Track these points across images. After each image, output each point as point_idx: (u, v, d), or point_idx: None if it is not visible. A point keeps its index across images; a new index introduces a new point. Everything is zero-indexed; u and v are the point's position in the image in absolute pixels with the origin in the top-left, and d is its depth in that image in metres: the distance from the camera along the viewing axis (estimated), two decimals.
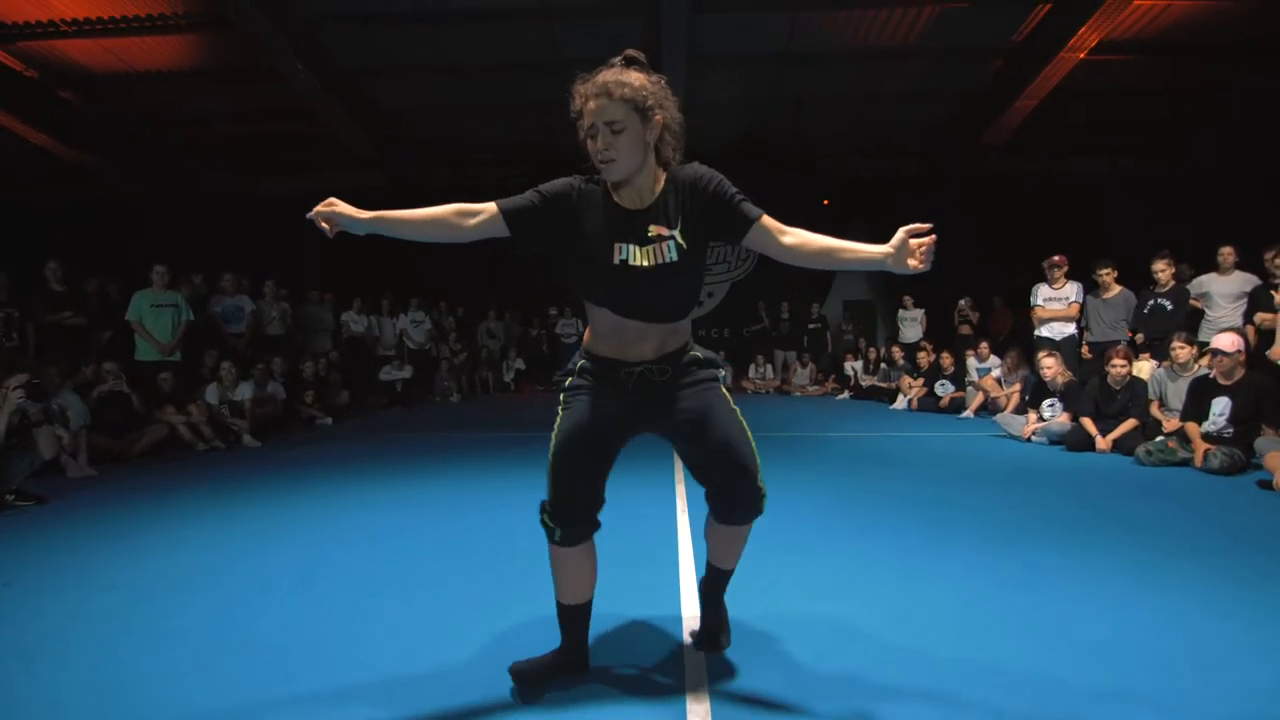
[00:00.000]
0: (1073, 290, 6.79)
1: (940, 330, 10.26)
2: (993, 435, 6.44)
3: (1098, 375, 5.79)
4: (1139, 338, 6.43)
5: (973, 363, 8.46)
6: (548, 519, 1.77)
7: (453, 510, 3.79)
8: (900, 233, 1.63)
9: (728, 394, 1.83)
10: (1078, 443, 5.51)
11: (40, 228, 11.65)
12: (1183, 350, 5.37)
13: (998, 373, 7.95)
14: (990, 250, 11.25)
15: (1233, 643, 2.02)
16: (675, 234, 1.71)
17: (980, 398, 7.91)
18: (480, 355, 11.88)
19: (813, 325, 12.03)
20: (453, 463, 5.31)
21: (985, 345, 8.52)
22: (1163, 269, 6.26)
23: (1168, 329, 5.83)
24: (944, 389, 8.60)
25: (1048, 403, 6.14)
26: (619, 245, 1.70)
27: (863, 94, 10.85)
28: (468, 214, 1.73)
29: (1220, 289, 6.18)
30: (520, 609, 2.30)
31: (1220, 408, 4.75)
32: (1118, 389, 5.54)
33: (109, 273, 8.10)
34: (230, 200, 12.95)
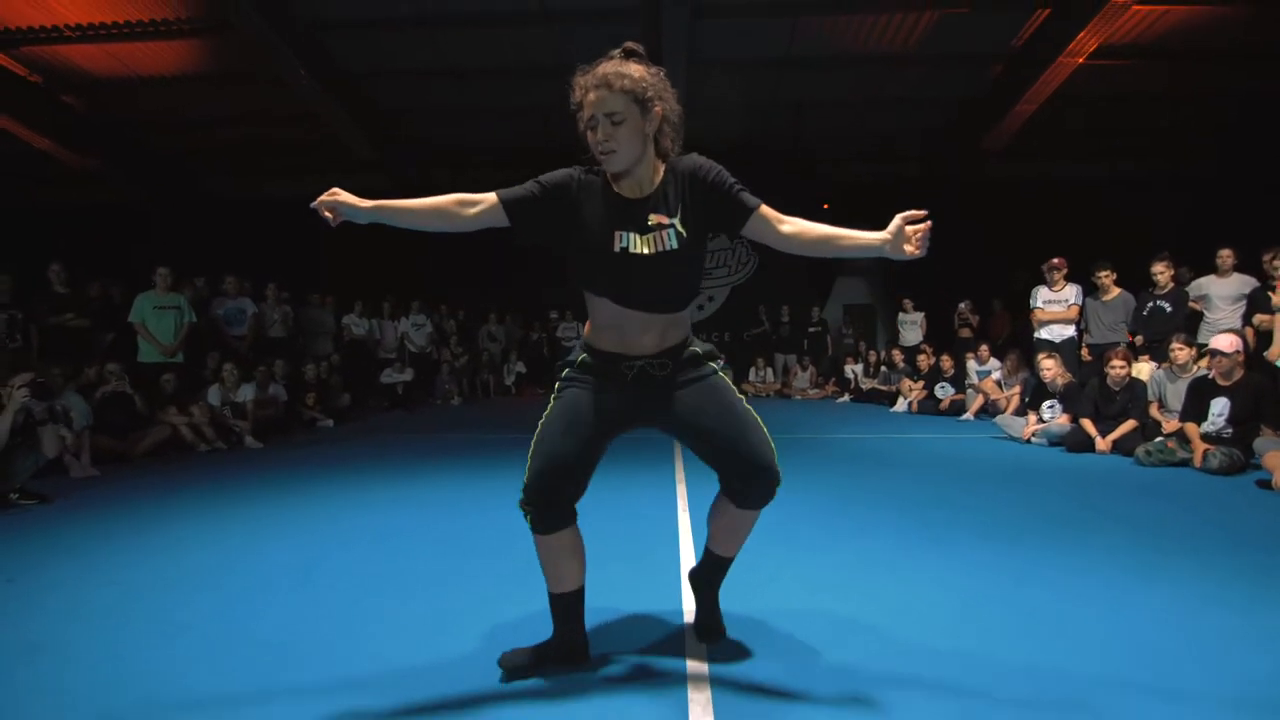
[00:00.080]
0: (1072, 293, 6.82)
1: (940, 333, 10.29)
2: (993, 437, 6.45)
3: (1097, 377, 5.81)
4: (1138, 340, 6.46)
5: (973, 365, 8.48)
6: (524, 505, 1.76)
7: (453, 510, 3.80)
8: (897, 219, 1.65)
9: (730, 383, 1.85)
10: (1077, 444, 5.53)
11: (44, 231, 11.68)
12: (1182, 351, 5.39)
13: (998, 375, 7.96)
14: (990, 254, 11.29)
15: (1231, 635, 2.03)
16: (675, 222, 1.72)
17: (980, 400, 7.93)
18: (481, 358, 11.91)
19: (813, 329, 12.06)
20: (453, 464, 5.32)
21: (985, 348, 8.54)
22: (1162, 271, 6.28)
23: (1167, 331, 5.85)
24: (944, 391, 8.61)
25: (1047, 404, 6.15)
26: (619, 234, 1.71)
27: (863, 99, 10.88)
28: (468, 204, 1.76)
29: (1219, 291, 6.20)
30: (520, 604, 2.31)
31: (1219, 408, 4.76)
32: (1117, 390, 5.56)
33: (112, 275, 8.13)
34: (232, 204, 13.00)
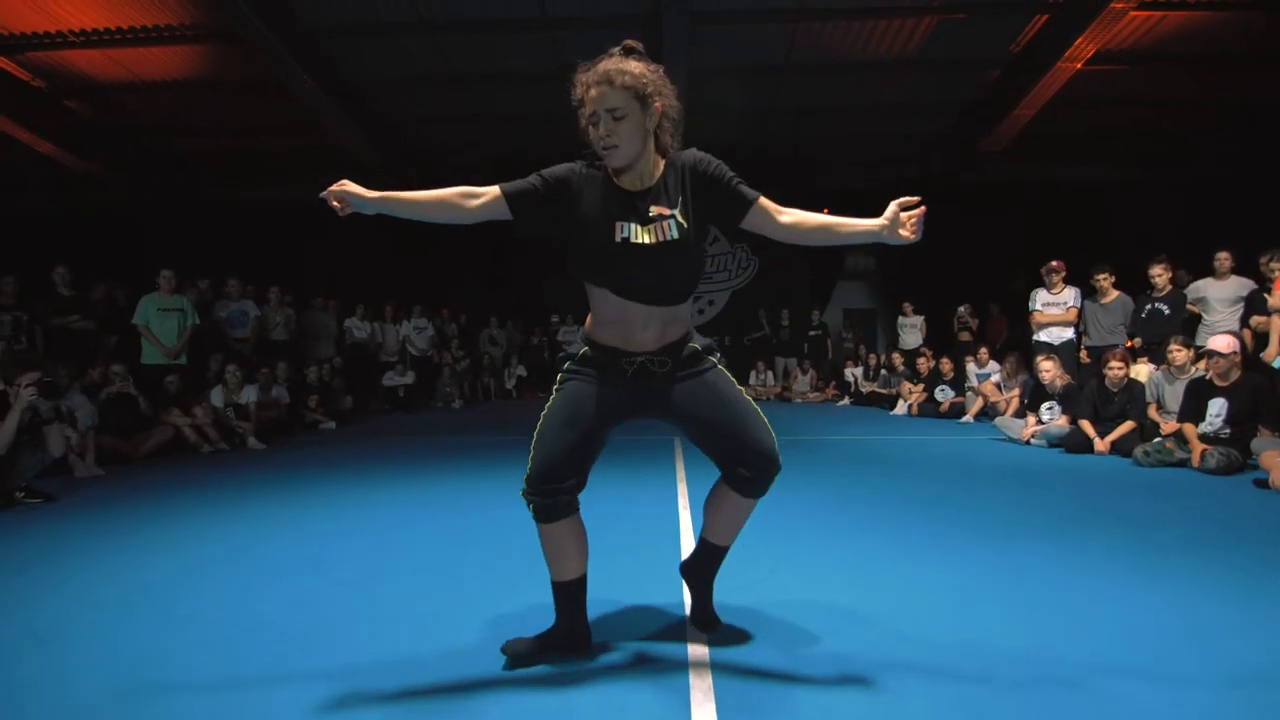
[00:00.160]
0: (1071, 295, 6.86)
1: (940, 337, 10.33)
2: (992, 439, 6.48)
3: (1095, 378, 5.84)
4: (1136, 342, 6.49)
5: (972, 368, 8.51)
6: (526, 494, 1.79)
7: (454, 508, 3.82)
8: (892, 206, 1.70)
9: (728, 374, 1.88)
10: (1076, 445, 5.56)
11: (49, 234, 11.74)
12: (1180, 353, 5.42)
13: (997, 378, 8.00)
14: (990, 257, 11.35)
15: (1227, 626, 2.05)
16: (675, 213, 1.76)
17: (980, 402, 7.96)
18: (482, 362, 11.95)
19: (813, 332, 12.10)
20: (454, 465, 5.35)
21: (985, 351, 8.57)
22: (1160, 273, 6.32)
23: (1165, 333, 5.87)
24: (944, 394, 8.64)
25: (1046, 405, 6.18)
26: (620, 224, 1.75)
27: (862, 105, 10.94)
28: (471, 195, 1.80)
29: (1217, 294, 6.23)
30: (522, 597, 2.34)
31: (1217, 409, 4.79)
32: (1115, 391, 5.59)
33: (116, 278, 8.18)
34: (235, 208, 13.04)
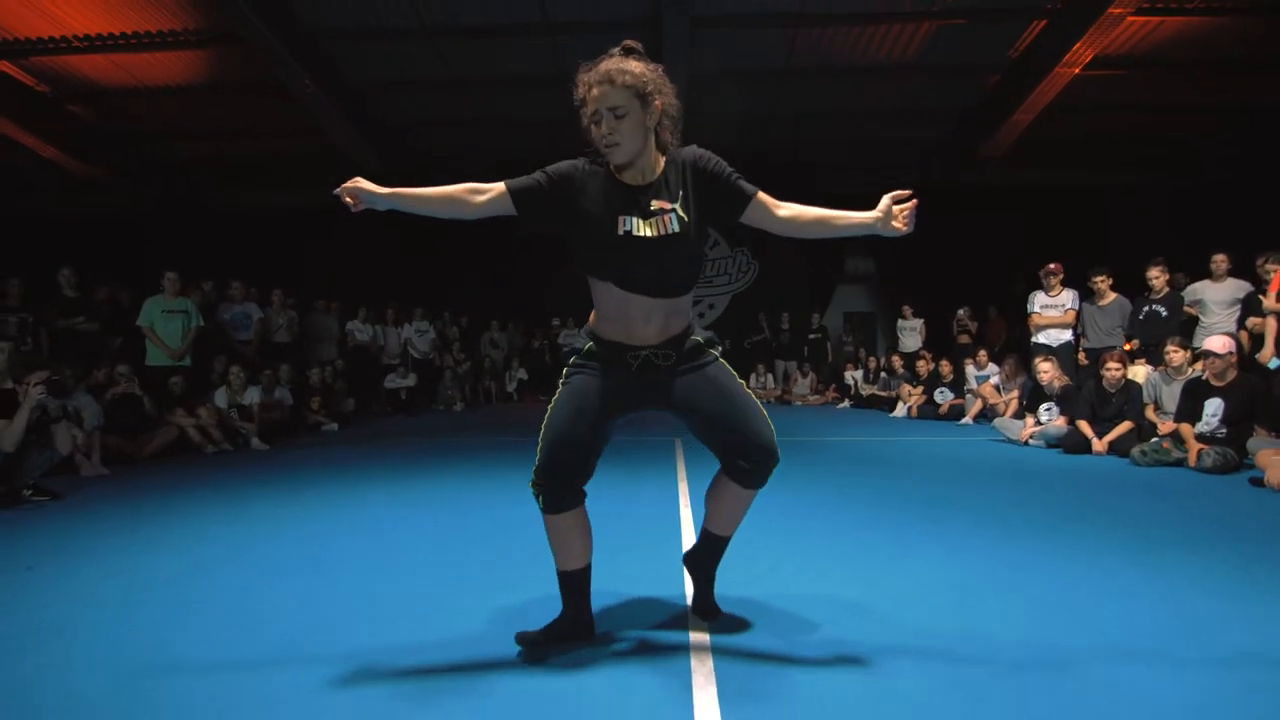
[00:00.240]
0: (1069, 297, 6.91)
1: (939, 339, 10.38)
2: (991, 439, 6.52)
3: (1093, 379, 5.88)
4: (1134, 344, 6.52)
5: (971, 370, 8.56)
6: (535, 487, 1.83)
7: (454, 506, 3.85)
8: (885, 199, 1.77)
9: (729, 369, 1.92)
10: (1074, 445, 5.60)
11: (54, 237, 11.79)
12: (1177, 354, 5.47)
13: (996, 380, 8.04)
14: (988, 261, 11.41)
15: (1222, 616, 2.09)
16: (676, 207, 1.81)
17: (979, 404, 7.99)
18: (483, 365, 11.99)
19: (813, 336, 12.15)
20: (456, 465, 5.39)
21: (984, 353, 8.62)
22: (1157, 276, 6.37)
23: (1163, 335, 5.92)
24: (943, 396, 8.68)
25: (1045, 406, 6.22)
26: (623, 218, 1.79)
27: (862, 109, 11.03)
28: (478, 192, 1.85)
29: (1214, 296, 6.27)
30: (524, 588, 2.37)
31: (1213, 408, 4.83)
32: (1113, 392, 5.63)
33: (120, 280, 8.23)
34: (238, 212, 13.11)
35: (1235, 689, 1.63)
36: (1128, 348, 6.50)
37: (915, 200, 1.73)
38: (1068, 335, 6.91)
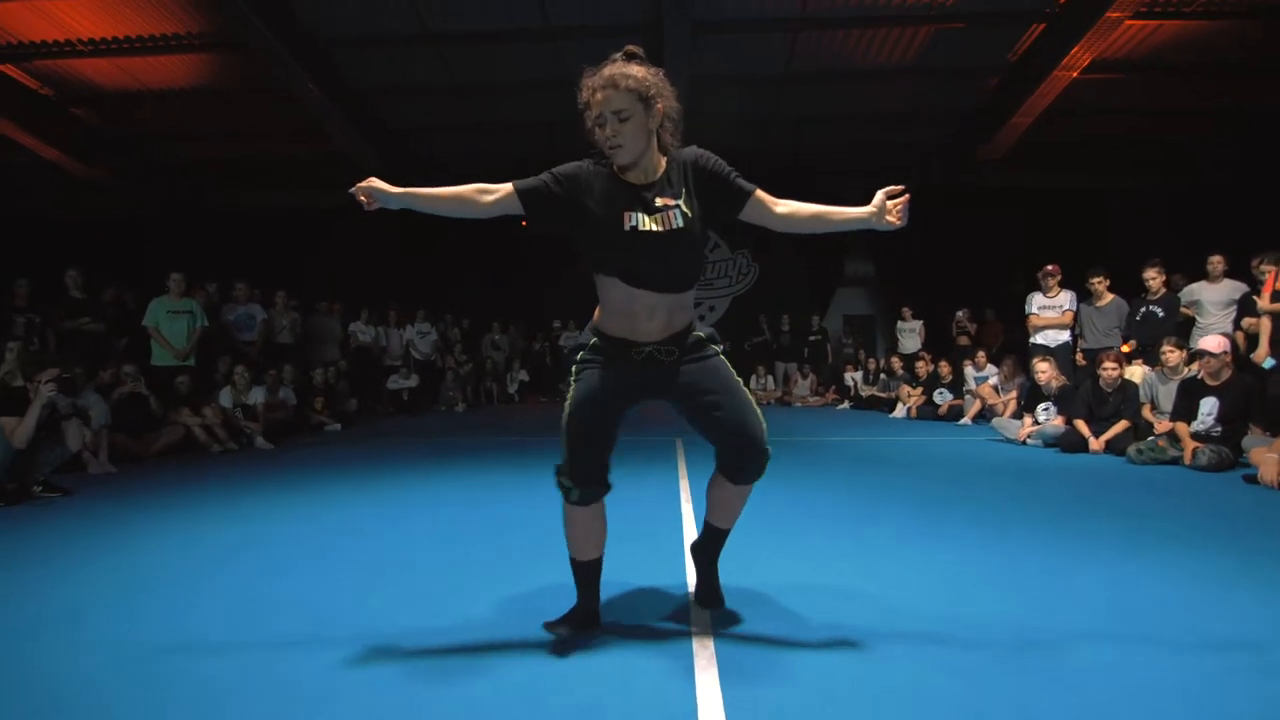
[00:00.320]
0: (1066, 298, 6.96)
1: (939, 341, 10.44)
2: (989, 439, 6.56)
3: (1090, 379, 5.94)
4: (1131, 345, 6.57)
5: (970, 371, 8.61)
6: (565, 480, 1.88)
7: (455, 505, 3.89)
8: (879, 195, 1.84)
9: (729, 365, 1.98)
10: (1072, 444, 5.65)
11: (60, 239, 11.87)
12: (1173, 354, 5.52)
13: (995, 380, 8.09)
14: (987, 263, 11.47)
15: (1217, 606, 2.13)
16: (680, 203, 1.87)
17: (978, 405, 8.04)
18: (485, 366, 12.04)
19: (813, 337, 12.21)
20: (457, 465, 5.43)
21: (982, 354, 8.67)
22: (1154, 277, 6.43)
23: (1159, 335, 5.97)
24: (942, 397, 8.74)
25: (1042, 406, 6.28)
26: (629, 214, 1.85)
27: (862, 113, 11.09)
28: (487, 192, 1.91)
29: (1210, 297, 6.32)
30: (528, 579, 2.43)
31: (1208, 407, 4.88)
32: (1109, 392, 5.68)
33: (126, 281, 8.29)
34: (241, 215, 13.18)
35: (1225, 672, 1.68)
36: (1125, 348, 6.56)
37: (908, 195, 1.81)
38: (1065, 336, 6.97)
